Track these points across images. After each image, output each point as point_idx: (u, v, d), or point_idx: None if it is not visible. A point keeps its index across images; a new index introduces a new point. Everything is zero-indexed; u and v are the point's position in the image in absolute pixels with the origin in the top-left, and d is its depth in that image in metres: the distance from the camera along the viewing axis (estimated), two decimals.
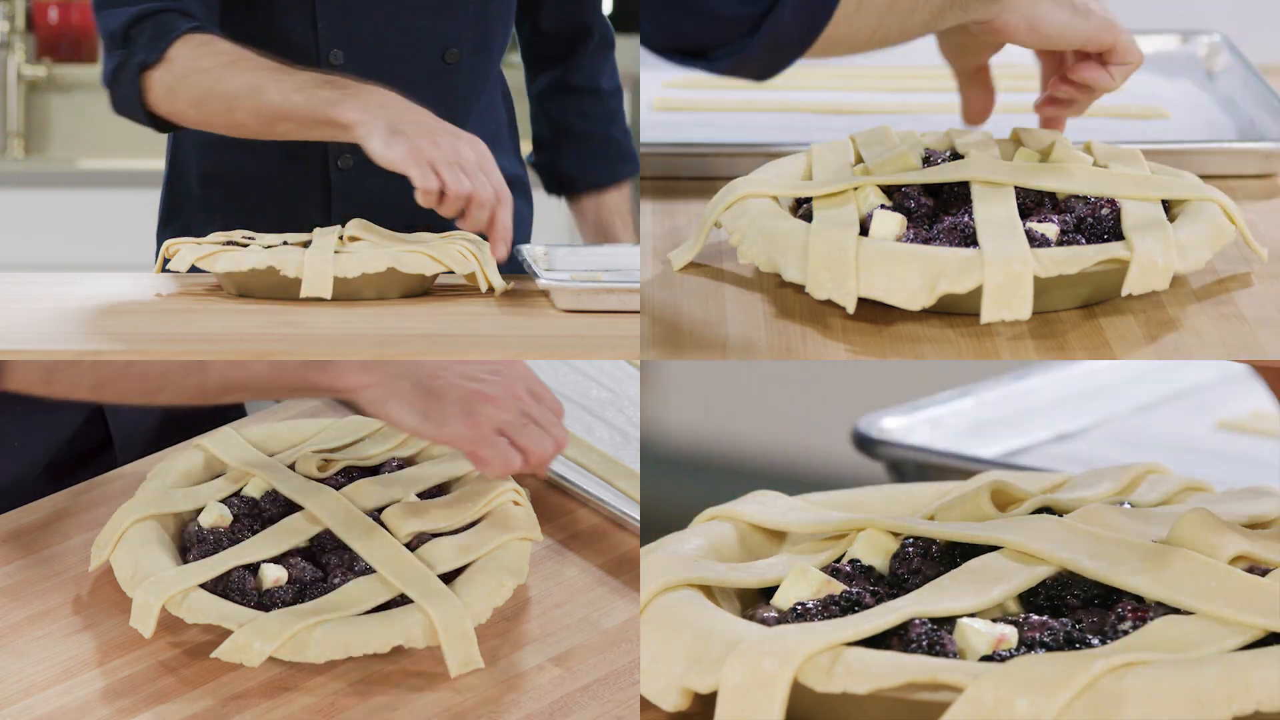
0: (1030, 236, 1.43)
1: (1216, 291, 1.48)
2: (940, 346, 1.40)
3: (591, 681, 1.41)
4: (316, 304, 1.68)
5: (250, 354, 1.56)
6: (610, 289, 1.67)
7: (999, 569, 1.22)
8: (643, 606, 1.20)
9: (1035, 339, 1.41)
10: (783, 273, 1.45)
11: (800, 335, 1.43)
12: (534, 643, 1.45)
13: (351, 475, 1.59)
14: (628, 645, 1.45)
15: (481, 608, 1.43)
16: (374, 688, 1.39)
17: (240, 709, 1.37)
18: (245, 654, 1.38)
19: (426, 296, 1.74)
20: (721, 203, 1.53)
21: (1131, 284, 1.41)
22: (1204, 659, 1.08)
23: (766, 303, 1.48)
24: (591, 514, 1.63)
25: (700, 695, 1.14)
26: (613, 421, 1.75)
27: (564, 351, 1.68)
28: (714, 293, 1.50)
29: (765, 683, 1.09)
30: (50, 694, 1.38)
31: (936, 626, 1.16)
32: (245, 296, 1.72)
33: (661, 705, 1.15)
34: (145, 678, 1.40)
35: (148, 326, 1.65)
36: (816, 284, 1.42)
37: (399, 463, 1.61)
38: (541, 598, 1.51)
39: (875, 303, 1.42)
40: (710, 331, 1.44)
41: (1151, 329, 1.42)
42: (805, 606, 1.20)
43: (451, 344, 1.61)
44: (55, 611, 1.47)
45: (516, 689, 1.40)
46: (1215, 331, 1.42)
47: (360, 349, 1.56)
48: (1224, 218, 1.50)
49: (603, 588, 1.53)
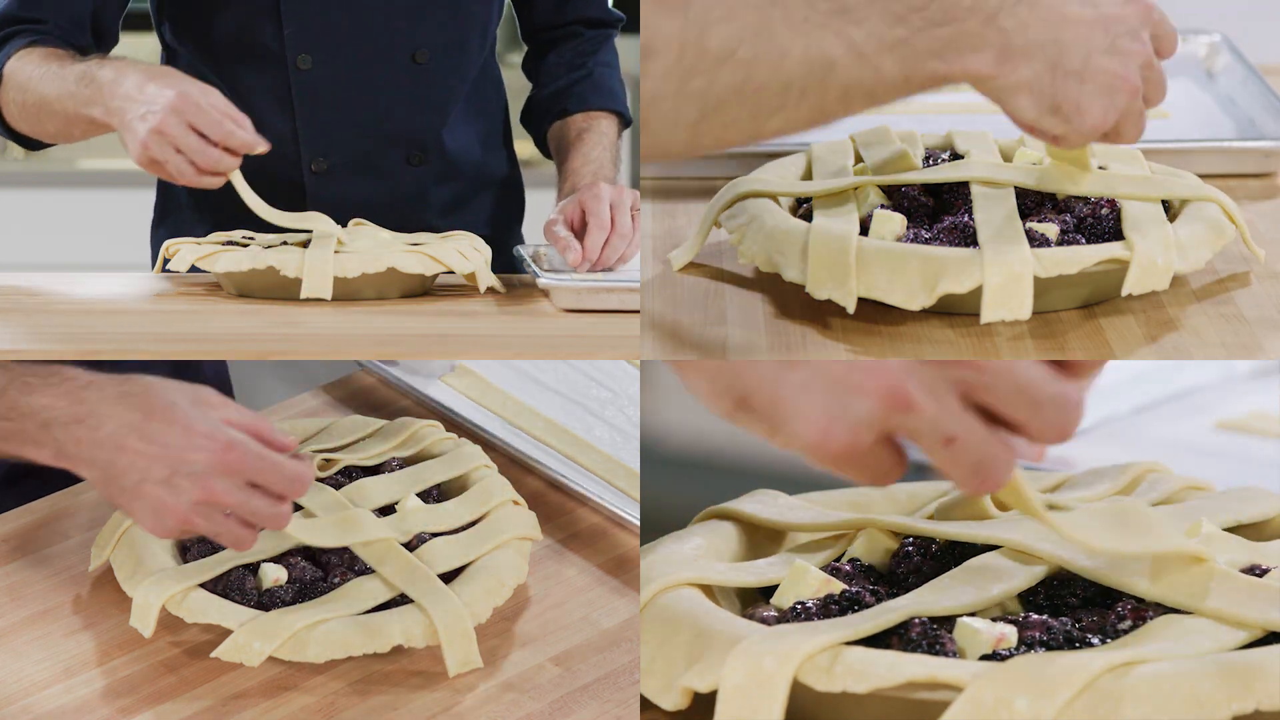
0: (1030, 236, 1.43)
1: (1216, 291, 1.48)
2: (940, 346, 1.40)
3: (591, 681, 1.41)
4: (316, 304, 1.68)
5: (250, 354, 1.56)
6: (610, 288, 1.67)
7: (999, 568, 1.22)
8: (643, 606, 1.20)
9: (1035, 339, 1.41)
10: (783, 273, 1.45)
11: (800, 335, 1.43)
12: (534, 642, 1.45)
13: (351, 475, 1.59)
14: (627, 645, 1.45)
15: (481, 608, 1.43)
16: (374, 688, 1.39)
17: (240, 709, 1.37)
18: (245, 654, 1.38)
19: (426, 296, 1.74)
20: (721, 202, 1.53)
21: (1131, 284, 1.41)
22: (1204, 659, 1.08)
23: (766, 303, 1.48)
24: (591, 514, 1.63)
25: (700, 694, 1.14)
26: (613, 421, 1.75)
27: (564, 351, 1.68)
28: (714, 293, 1.50)
29: (765, 682, 1.09)
30: (50, 693, 1.38)
31: (936, 626, 1.16)
32: (245, 296, 1.72)
33: (661, 704, 1.15)
34: (145, 677, 1.40)
35: (148, 326, 1.65)
36: (816, 284, 1.42)
37: (399, 463, 1.61)
38: (541, 597, 1.51)
39: (875, 303, 1.42)
40: (710, 331, 1.44)
41: (1151, 329, 1.42)
42: (805, 606, 1.20)
43: (451, 344, 1.61)
44: (55, 611, 1.47)
45: (516, 689, 1.40)
46: (1215, 331, 1.42)
47: (360, 349, 1.56)
48: (1224, 218, 1.50)
49: (602, 587, 1.53)
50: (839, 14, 1.29)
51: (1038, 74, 1.32)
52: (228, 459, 1.35)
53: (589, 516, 1.62)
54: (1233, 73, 1.96)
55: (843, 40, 1.29)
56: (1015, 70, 1.32)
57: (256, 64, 1.90)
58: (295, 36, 1.88)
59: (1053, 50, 1.32)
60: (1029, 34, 1.31)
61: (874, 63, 1.29)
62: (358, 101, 1.91)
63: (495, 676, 1.41)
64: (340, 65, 1.89)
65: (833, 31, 1.29)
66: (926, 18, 1.30)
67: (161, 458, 1.35)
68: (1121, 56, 1.34)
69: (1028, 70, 1.31)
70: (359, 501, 1.53)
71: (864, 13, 1.29)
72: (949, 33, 1.30)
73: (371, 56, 1.90)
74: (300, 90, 1.89)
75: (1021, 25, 1.31)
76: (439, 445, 1.64)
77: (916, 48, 1.30)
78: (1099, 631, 1.16)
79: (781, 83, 1.29)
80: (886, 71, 1.30)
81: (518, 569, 1.49)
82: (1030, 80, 1.32)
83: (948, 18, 1.30)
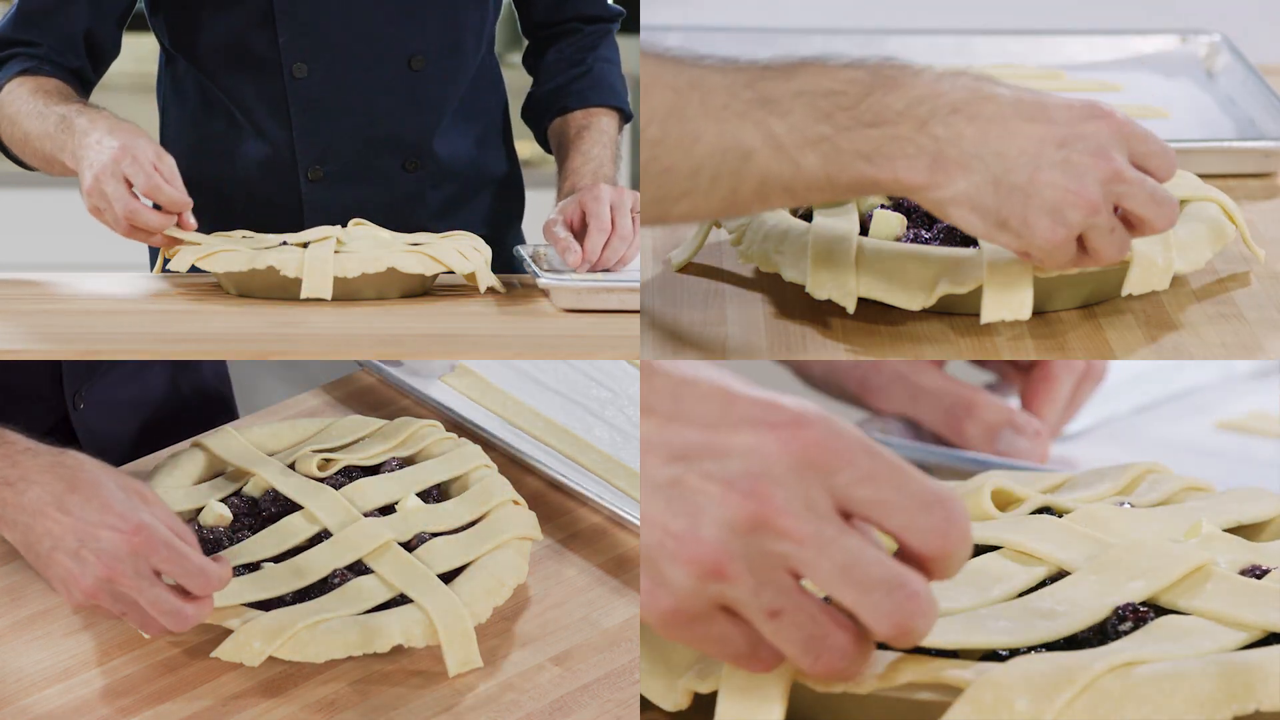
0: None
1: (1216, 291, 1.48)
2: (940, 346, 1.40)
3: (591, 681, 1.41)
4: (316, 304, 1.68)
5: (250, 354, 1.56)
6: (610, 288, 1.67)
7: (999, 569, 1.22)
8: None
9: (1035, 339, 1.41)
10: (783, 273, 1.45)
11: (800, 335, 1.43)
12: (534, 642, 1.45)
13: (351, 475, 1.59)
14: (627, 645, 1.45)
15: (481, 607, 1.43)
16: (374, 688, 1.39)
17: (240, 709, 1.37)
18: (245, 653, 1.38)
19: (426, 296, 1.74)
20: None
21: (1131, 284, 1.41)
22: (1204, 659, 1.08)
23: (766, 303, 1.48)
24: (591, 513, 1.63)
25: (701, 695, 1.14)
26: (613, 421, 1.75)
27: (564, 351, 1.68)
28: (714, 293, 1.50)
29: (766, 682, 1.09)
30: (50, 694, 1.38)
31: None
32: (245, 296, 1.72)
33: (662, 705, 1.15)
34: (145, 678, 1.40)
35: (148, 326, 1.65)
36: (816, 284, 1.42)
37: (399, 462, 1.61)
38: (541, 597, 1.51)
39: (875, 303, 1.42)
40: (710, 331, 1.44)
41: (1151, 329, 1.42)
42: None
43: (451, 344, 1.61)
44: (55, 611, 1.47)
45: (516, 689, 1.40)
46: (1215, 331, 1.42)
47: (360, 349, 1.56)
48: (1224, 217, 1.50)
49: (602, 587, 1.53)
50: (762, 105, 1.26)
51: (977, 187, 1.27)
52: (134, 541, 1.35)
53: (589, 516, 1.62)
54: (1233, 73, 1.96)
55: (762, 131, 1.26)
56: (951, 181, 1.27)
57: (252, 72, 1.90)
58: (290, 45, 1.88)
59: (995, 163, 1.27)
60: (964, 145, 1.26)
61: (793, 157, 1.26)
62: (354, 109, 1.91)
63: (495, 676, 1.41)
64: (336, 73, 1.89)
65: (752, 122, 1.26)
66: (854, 117, 1.26)
67: (73, 530, 1.36)
68: (1075, 171, 1.28)
69: (964, 183, 1.27)
70: (358, 501, 1.53)
71: (789, 105, 1.26)
72: (879, 135, 1.26)
73: (367, 64, 1.90)
74: (296, 98, 1.89)
75: (956, 135, 1.26)
76: (439, 445, 1.63)
77: (841, 147, 1.26)
78: (1099, 632, 1.16)
79: (691, 167, 1.27)
80: (807, 167, 1.27)
81: (518, 569, 1.49)
82: (969, 193, 1.27)
83: (877, 119, 1.26)
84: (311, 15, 1.87)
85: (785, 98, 1.27)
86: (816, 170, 1.27)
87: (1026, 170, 1.27)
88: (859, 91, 1.27)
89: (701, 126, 1.26)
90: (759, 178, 1.28)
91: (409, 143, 1.93)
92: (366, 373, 1.85)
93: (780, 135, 1.26)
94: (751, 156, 1.27)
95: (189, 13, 1.91)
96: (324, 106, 1.90)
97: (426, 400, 1.78)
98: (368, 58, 1.90)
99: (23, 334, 1.61)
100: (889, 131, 1.26)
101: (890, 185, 1.28)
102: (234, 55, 1.90)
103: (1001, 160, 1.27)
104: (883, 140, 1.26)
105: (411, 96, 1.92)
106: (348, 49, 1.89)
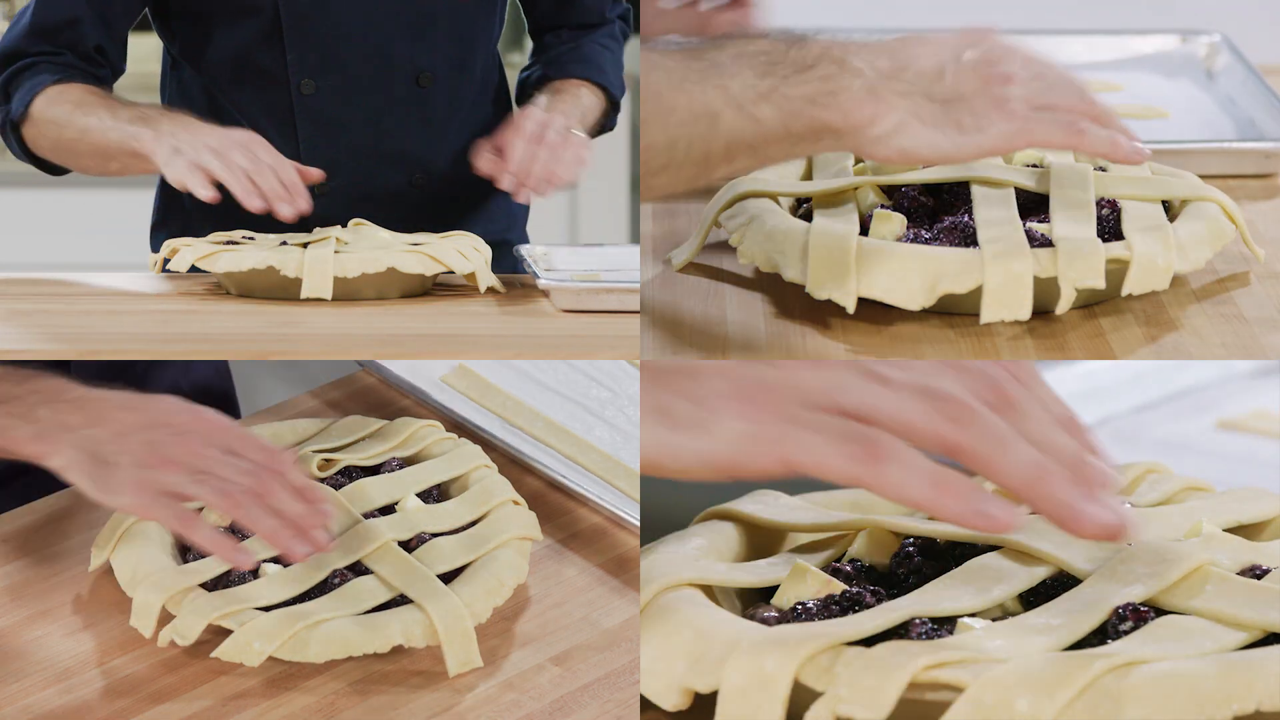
0: (1030, 236, 1.43)
1: (1216, 291, 1.48)
2: (940, 346, 1.40)
3: (591, 681, 1.41)
4: (316, 304, 1.68)
5: (250, 354, 1.56)
6: (610, 289, 1.67)
7: (999, 569, 1.22)
8: (643, 606, 1.20)
9: (1035, 339, 1.41)
10: (783, 273, 1.45)
11: (800, 335, 1.43)
12: (534, 642, 1.45)
13: (351, 475, 1.59)
14: (628, 645, 1.45)
15: (481, 607, 1.43)
16: (374, 688, 1.39)
17: (240, 709, 1.37)
18: (245, 654, 1.38)
19: (426, 296, 1.74)
20: (721, 202, 1.53)
21: (1131, 284, 1.41)
22: (1204, 659, 1.08)
23: (766, 303, 1.48)
24: (591, 514, 1.63)
25: (701, 695, 1.14)
26: (613, 421, 1.75)
27: (564, 351, 1.68)
28: (714, 293, 1.50)
29: (766, 683, 1.09)
30: (50, 694, 1.38)
31: (936, 626, 1.16)
32: (245, 296, 1.72)
33: (662, 705, 1.15)
34: (145, 678, 1.40)
35: (148, 326, 1.65)
36: (816, 284, 1.42)
37: (399, 462, 1.61)
38: (541, 597, 1.51)
39: (875, 303, 1.42)
40: (710, 331, 1.44)
41: (1151, 329, 1.42)
42: (805, 606, 1.20)
43: (451, 344, 1.61)
44: (55, 611, 1.47)
45: (516, 689, 1.40)
46: (1215, 331, 1.42)
47: (360, 349, 1.56)
48: (1224, 218, 1.50)
49: (602, 587, 1.53)
50: (713, 70, 1.32)
51: (917, 104, 1.32)
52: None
53: (589, 516, 1.62)
54: (1233, 73, 1.96)
55: (721, 93, 1.32)
56: (892, 109, 1.32)
57: (260, 86, 1.90)
58: (299, 61, 1.88)
59: (919, 81, 1.33)
60: (878, 62, 1.33)
61: (751, 113, 1.32)
62: (361, 125, 1.91)
63: (495, 676, 1.41)
64: (344, 90, 1.89)
65: (712, 85, 1.32)
66: (789, 66, 1.32)
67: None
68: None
69: (905, 104, 1.32)
70: (358, 501, 1.53)
71: (734, 68, 1.33)
72: (815, 77, 1.32)
73: (375, 81, 1.90)
74: (303, 114, 1.89)
75: (872, 64, 1.32)
76: (439, 445, 1.63)
77: (789, 94, 1.32)
78: (1099, 632, 1.16)
79: (668, 139, 1.32)
80: (765, 120, 1.32)
81: (518, 569, 1.49)
82: (915, 111, 1.32)
83: (804, 65, 1.32)
84: (320, 32, 1.87)
85: (728, 61, 1.33)
86: (774, 122, 1.32)
87: (950, 79, 1.33)
88: (781, 48, 1.34)
89: (673, 100, 1.32)
90: (725, 139, 1.33)
91: (415, 158, 1.94)
92: (366, 373, 1.85)
93: (736, 93, 1.32)
94: (719, 118, 1.32)
95: (197, 25, 1.91)
96: (331, 123, 1.90)
97: (426, 400, 1.78)
98: (376, 75, 1.90)
99: (23, 334, 1.61)
100: (819, 72, 1.32)
101: (840, 125, 1.33)
102: (242, 69, 1.90)
103: (923, 77, 1.33)
104: (820, 81, 1.32)
105: (419, 113, 1.92)
106: (356, 66, 1.89)
